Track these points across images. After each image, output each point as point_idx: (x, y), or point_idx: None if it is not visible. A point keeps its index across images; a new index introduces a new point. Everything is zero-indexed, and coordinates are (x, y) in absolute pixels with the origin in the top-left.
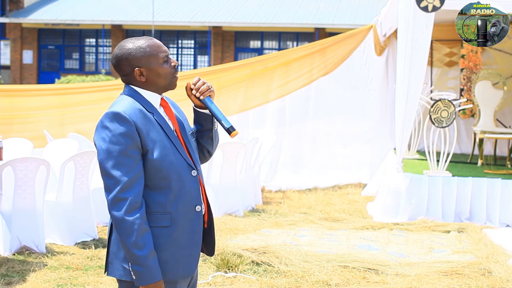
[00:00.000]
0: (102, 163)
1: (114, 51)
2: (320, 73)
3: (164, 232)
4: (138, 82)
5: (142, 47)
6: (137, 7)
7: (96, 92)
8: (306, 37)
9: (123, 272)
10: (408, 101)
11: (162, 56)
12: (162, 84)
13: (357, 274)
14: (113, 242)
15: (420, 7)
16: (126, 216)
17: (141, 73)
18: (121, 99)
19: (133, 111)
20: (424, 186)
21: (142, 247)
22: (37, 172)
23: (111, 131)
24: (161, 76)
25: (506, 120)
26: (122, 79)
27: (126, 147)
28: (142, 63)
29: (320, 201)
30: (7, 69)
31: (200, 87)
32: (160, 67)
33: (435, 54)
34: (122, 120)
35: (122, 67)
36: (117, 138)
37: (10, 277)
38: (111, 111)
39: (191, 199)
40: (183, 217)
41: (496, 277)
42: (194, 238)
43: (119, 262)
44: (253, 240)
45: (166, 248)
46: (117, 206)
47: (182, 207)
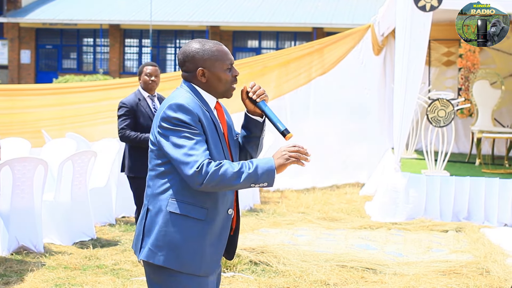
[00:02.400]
0: (173, 153)
1: (183, 47)
2: (318, 72)
3: (199, 225)
4: (199, 82)
5: (212, 50)
6: (135, 6)
7: (94, 91)
8: (304, 37)
9: (148, 253)
10: (406, 100)
11: (227, 63)
12: (220, 89)
13: (355, 274)
14: (147, 227)
15: (418, 6)
16: (217, 171)
17: (203, 73)
18: (181, 93)
19: (194, 104)
20: (422, 185)
21: (244, 172)
22: (35, 172)
23: (176, 121)
24: (221, 81)
25: (504, 120)
26: (182, 75)
27: (191, 133)
28: (206, 65)
29: (318, 201)
30: (5, 69)
31: (256, 91)
32: (222, 72)
33: (433, 54)
34: (186, 111)
35: (186, 64)
36: (183, 126)
37: (8, 277)
38: (175, 103)
39: (227, 201)
40: (217, 216)
41: (494, 277)
42: (222, 238)
43: (149, 244)
44: (251, 239)
45: (197, 241)
46: (204, 174)
47: (219, 207)
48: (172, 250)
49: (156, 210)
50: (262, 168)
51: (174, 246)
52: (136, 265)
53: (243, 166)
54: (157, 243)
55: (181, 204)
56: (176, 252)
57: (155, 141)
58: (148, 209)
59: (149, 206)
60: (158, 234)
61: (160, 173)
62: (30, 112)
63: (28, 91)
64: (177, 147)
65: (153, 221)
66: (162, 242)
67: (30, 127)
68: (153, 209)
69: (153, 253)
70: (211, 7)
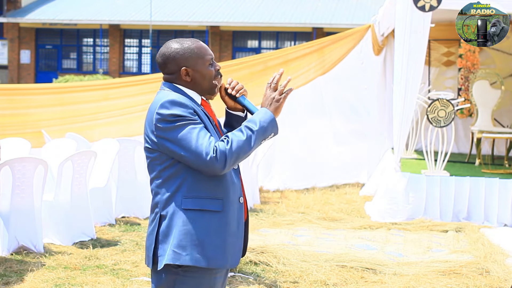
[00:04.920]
0: (181, 149)
1: (161, 49)
2: (317, 72)
3: (217, 217)
4: (183, 82)
5: (191, 48)
6: (134, 6)
7: (94, 91)
8: (304, 37)
9: (172, 255)
10: (406, 100)
11: (209, 58)
12: (205, 86)
13: (355, 274)
14: (162, 234)
15: (417, 6)
16: (231, 148)
17: (187, 73)
18: (167, 92)
19: (185, 100)
20: (422, 185)
21: (253, 135)
22: (35, 172)
23: (172, 117)
24: (206, 78)
25: (504, 120)
26: (164, 77)
27: (191, 123)
28: (189, 63)
29: (318, 201)
30: (5, 69)
31: (235, 86)
32: (205, 69)
33: (433, 54)
34: (180, 105)
35: (168, 66)
36: (181, 119)
37: (8, 277)
38: (166, 100)
39: (236, 188)
40: (232, 205)
41: (494, 277)
42: (239, 228)
43: (169, 248)
44: (251, 239)
45: (218, 233)
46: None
47: (231, 196)
48: (196, 247)
49: (171, 213)
50: (265, 121)
51: (198, 242)
52: (136, 265)
53: (247, 130)
54: (180, 243)
55: (195, 200)
56: (200, 248)
57: (153, 148)
58: (161, 216)
59: (162, 213)
60: (179, 234)
61: (167, 178)
62: (30, 112)
63: (28, 91)
64: (183, 142)
65: (170, 224)
66: (185, 241)
67: (30, 127)
68: (167, 213)
69: (177, 254)
70: (211, 7)
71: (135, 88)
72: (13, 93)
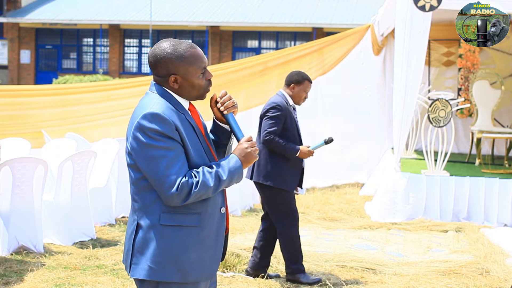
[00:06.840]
0: (148, 170)
1: (154, 49)
2: (317, 72)
3: (194, 232)
4: (171, 88)
5: (184, 55)
6: (134, 6)
7: (94, 92)
8: (304, 37)
9: (148, 271)
10: (406, 100)
11: (201, 67)
12: (194, 94)
13: (355, 274)
14: (138, 243)
15: (418, 6)
16: (195, 189)
17: (176, 80)
18: (153, 99)
19: (169, 111)
20: (422, 185)
21: (220, 183)
22: (35, 172)
23: (151, 132)
24: (195, 87)
25: (504, 120)
26: (154, 78)
27: (167, 145)
28: (179, 71)
29: (318, 201)
30: (5, 69)
31: (225, 102)
32: (196, 78)
33: (433, 54)
34: (162, 120)
35: (158, 68)
36: (159, 139)
37: (8, 277)
38: (149, 112)
39: (217, 200)
40: (210, 218)
41: (494, 277)
42: (218, 239)
43: (145, 262)
44: (251, 240)
45: (194, 248)
46: (183, 195)
47: (211, 208)
48: (172, 263)
49: (148, 226)
50: (234, 172)
51: (174, 258)
52: None
53: (216, 178)
54: (156, 259)
55: (173, 215)
56: (177, 264)
57: (132, 153)
58: (138, 224)
59: (140, 221)
60: (156, 249)
61: (144, 187)
62: (30, 112)
63: (28, 91)
64: (153, 164)
65: (146, 237)
66: (161, 257)
67: (30, 127)
68: (144, 224)
69: (153, 270)
70: (211, 7)
71: (135, 89)
72: (14, 94)
